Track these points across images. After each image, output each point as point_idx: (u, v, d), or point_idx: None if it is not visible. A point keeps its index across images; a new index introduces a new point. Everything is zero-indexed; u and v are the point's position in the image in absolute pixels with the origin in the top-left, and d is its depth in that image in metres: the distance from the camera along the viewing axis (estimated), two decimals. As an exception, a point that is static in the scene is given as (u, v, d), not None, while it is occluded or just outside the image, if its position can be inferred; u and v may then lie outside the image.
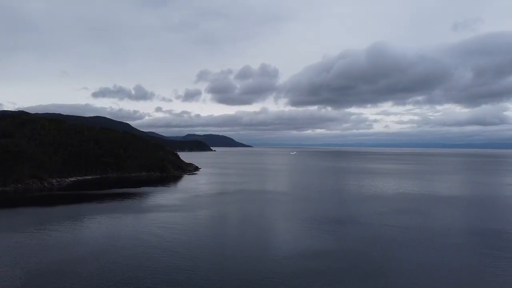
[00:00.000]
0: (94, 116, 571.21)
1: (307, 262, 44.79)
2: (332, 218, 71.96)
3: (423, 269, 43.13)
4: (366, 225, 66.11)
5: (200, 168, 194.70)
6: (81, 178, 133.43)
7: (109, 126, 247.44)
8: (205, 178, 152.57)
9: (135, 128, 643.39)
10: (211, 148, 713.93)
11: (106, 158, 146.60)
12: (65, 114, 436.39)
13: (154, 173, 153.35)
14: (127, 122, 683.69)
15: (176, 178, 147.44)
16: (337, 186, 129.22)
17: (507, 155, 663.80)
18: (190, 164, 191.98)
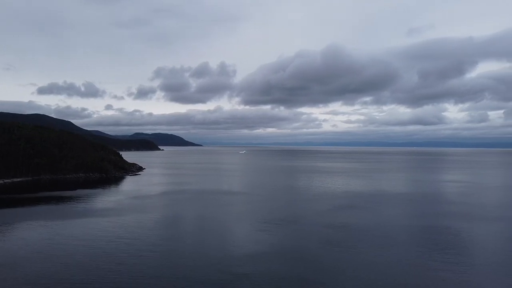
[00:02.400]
0: (34, 114, 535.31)
1: (246, 266, 42.26)
2: (279, 218, 70.06)
3: (363, 267, 42.06)
4: (311, 224, 64.88)
5: (144, 168, 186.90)
6: (9, 180, 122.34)
7: (49, 125, 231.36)
8: (148, 179, 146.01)
9: (78, 127, 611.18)
10: (159, 147, 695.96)
11: (38, 159, 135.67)
12: (2, 111, 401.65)
13: (93, 174, 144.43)
14: (70, 120, 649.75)
15: (116, 179, 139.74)
16: (285, 184, 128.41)
17: (443, 153, 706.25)
18: (134, 164, 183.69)
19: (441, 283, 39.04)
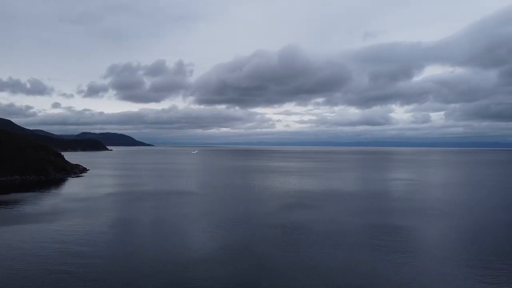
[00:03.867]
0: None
1: (197, 270, 39.57)
2: (230, 219, 67.76)
3: (311, 268, 40.88)
4: (263, 225, 63.14)
5: (88, 170, 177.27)
6: None
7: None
8: (91, 180, 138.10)
9: (20, 126, 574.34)
10: (108, 147, 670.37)
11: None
12: None
13: (30, 177, 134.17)
14: (10, 119, 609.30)
15: (57, 182, 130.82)
16: (237, 184, 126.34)
17: (389, 152, 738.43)
18: (77, 165, 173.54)
19: (389, 280, 38.53)
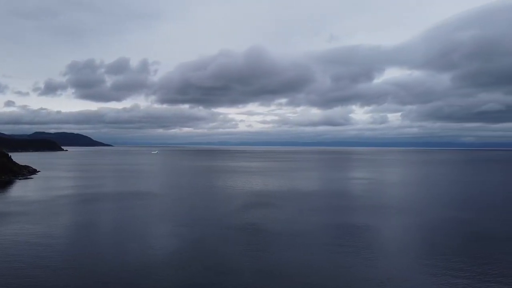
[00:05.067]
0: None
1: (155, 274, 37.02)
2: (191, 220, 65.20)
3: (271, 268, 39.45)
4: (224, 226, 61.11)
5: (39, 171, 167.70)
6: None
7: None
8: (41, 182, 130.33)
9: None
10: (63, 148, 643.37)
11: None
12: None
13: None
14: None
15: (2, 184, 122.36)
16: (199, 185, 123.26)
17: (349, 152, 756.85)
18: (26, 167, 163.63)
19: (349, 278, 37.75)
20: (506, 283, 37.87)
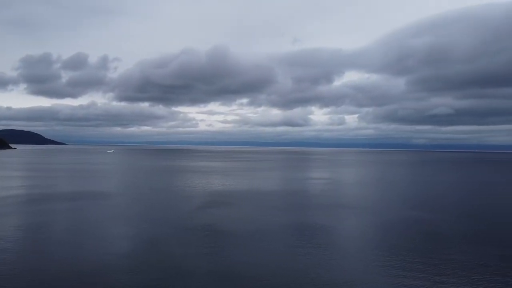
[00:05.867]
0: None
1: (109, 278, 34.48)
2: (142, 222, 62.36)
3: (226, 269, 38.11)
4: (180, 227, 58.91)
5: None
6: None
7: None
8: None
9: None
10: (11, 145, 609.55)
11: None
12: None
13: None
14: None
15: None
16: (155, 185, 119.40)
17: (308, 152, 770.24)
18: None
19: (307, 278, 37.11)
20: (460, 283, 38.63)
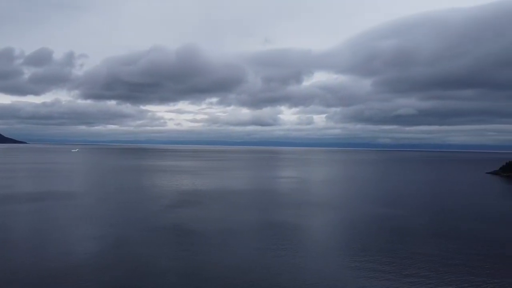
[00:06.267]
0: None
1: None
2: (109, 222, 60.45)
3: (196, 270, 37.57)
4: (142, 228, 57.55)
5: None
6: None
7: None
8: None
9: None
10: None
11: None
12: None
13: None
14: None
15: None
16: (121, 186, 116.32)
17: (277, 151, 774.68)
18: None
19: (276, 275, 37.11)
20: (427, 277, 39.77)
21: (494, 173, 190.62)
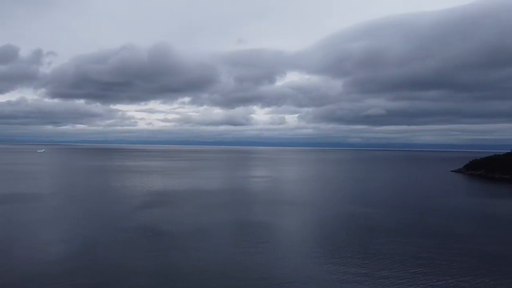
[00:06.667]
0: None
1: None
2: (75, 224, 58.95)
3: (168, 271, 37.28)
4: (110, 229, 56.48)
5: None
6: None
7: None
8: None
9: None
10: None
11: None
12: None
13: None
14: None
15: None
16: (90, 187, 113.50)
17: (249, 151, 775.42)
18: None
19: (249, 274, 37.34)
20: (396, 273, 41.01)
21: (458, 171, 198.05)
